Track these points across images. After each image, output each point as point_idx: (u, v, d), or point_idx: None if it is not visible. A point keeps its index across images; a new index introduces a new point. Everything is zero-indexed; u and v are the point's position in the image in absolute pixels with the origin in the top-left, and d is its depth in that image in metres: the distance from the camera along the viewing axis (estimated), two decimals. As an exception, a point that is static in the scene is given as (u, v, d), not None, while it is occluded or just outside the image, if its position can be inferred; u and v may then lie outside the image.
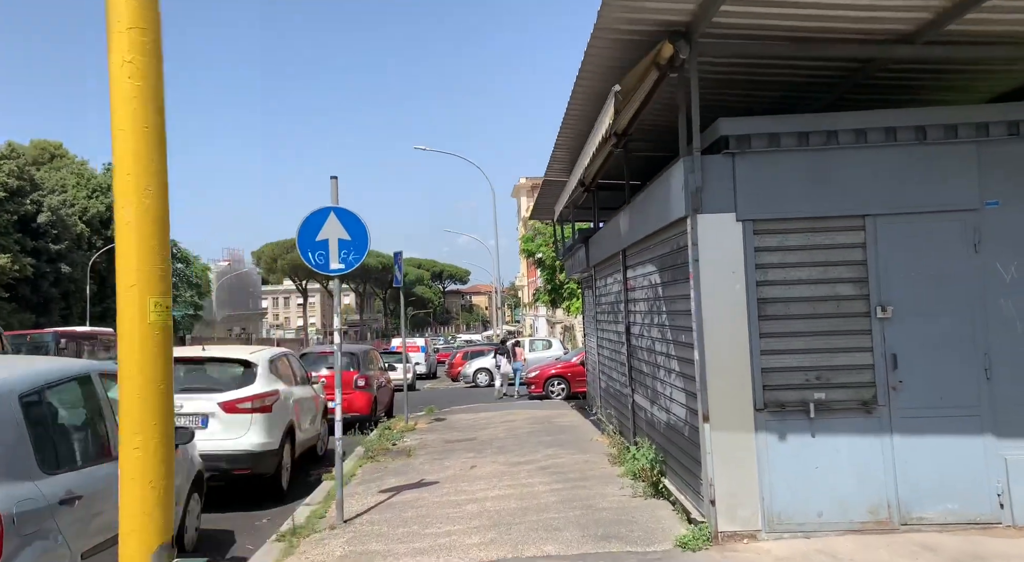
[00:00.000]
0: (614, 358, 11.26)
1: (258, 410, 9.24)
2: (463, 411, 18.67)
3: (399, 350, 36.36)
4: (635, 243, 8.92)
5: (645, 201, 8.11)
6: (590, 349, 17.11)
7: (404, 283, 15.70)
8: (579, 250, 14.23)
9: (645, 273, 8.61)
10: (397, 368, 28.42)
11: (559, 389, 21.48)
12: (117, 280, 3.01)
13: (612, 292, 11.21)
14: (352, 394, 15.77)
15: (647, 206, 7.98)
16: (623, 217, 9.60)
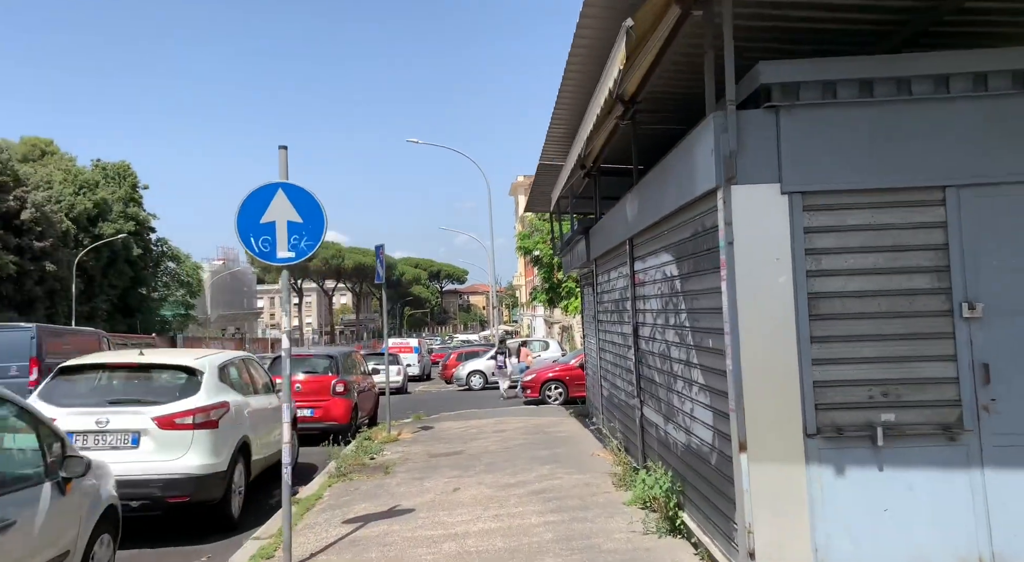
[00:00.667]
0: (619, 363, 9.82)
1: (201, 426, 7.79)
2: (453, 418, 17.24)
3: (392, 351, 35.06)
4: (646, 229, 7.48)
5: (660, 177, 6.68)
6: (590, 351, 15.68)
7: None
8: (578, 243, 12.80)
9: (658, 264, 7.18)
10: (387, 370, 27.11)
11: (556, 393, 20.05)
12: None
13: (616, 288, 9.78)
14: (330, 402, 14.34)
15: (663, 182, 6.54)
16: (630, 201, 8.18)
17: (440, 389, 29.50)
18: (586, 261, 12.17)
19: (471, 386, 26.66)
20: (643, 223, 7.49)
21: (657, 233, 7.13)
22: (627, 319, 8.95)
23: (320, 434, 14.47)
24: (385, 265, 14.07)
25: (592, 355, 15.05)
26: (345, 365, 15.25)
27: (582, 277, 16.54)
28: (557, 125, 9.82)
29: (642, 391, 8.24)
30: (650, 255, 7.53)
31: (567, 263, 15.78)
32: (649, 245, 7.56)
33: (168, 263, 60.84)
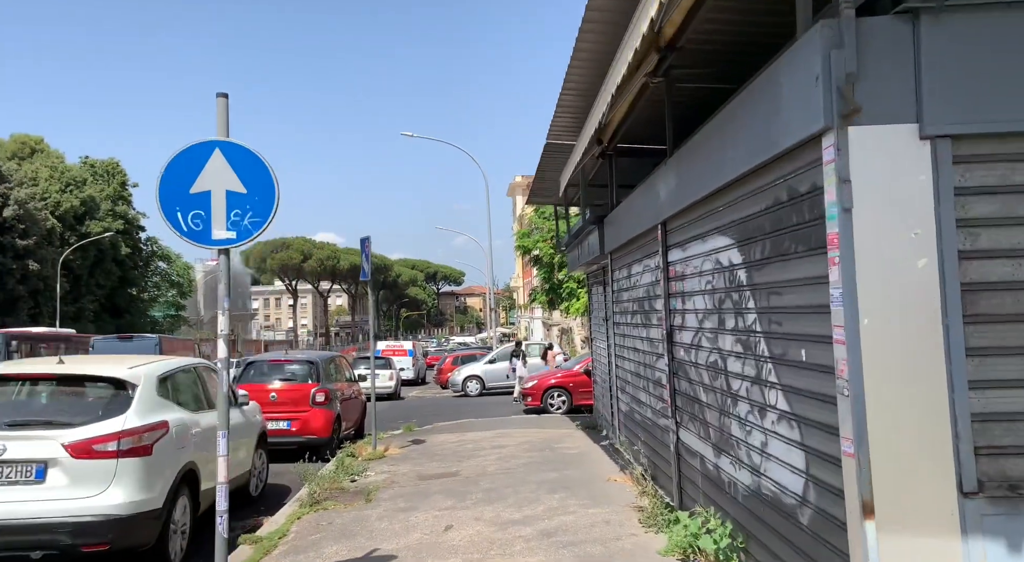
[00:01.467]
0: (644, 374, 8.20)
1: (129, 453, 6.16)
2: (448, 430, 15.60)
3: (385, 354, 33.41)
4: (688, 208, 5.87)
5: (716, 135, 5.06)
6: (599, 357, 14.06)
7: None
8: (588, 235, 11.19)
9: (708, 251, 5.56)
10: (379, 375, 25.44)
11: (559, 402, 18.43)
12: None
13: (640, 284, 8.16)
14: (309, 413, 12.70)
15: (721, 141, 4.92)
16: (663, 176, 6.59)
17: (435, 394, 27.86)
18: (599, 255, 10.56)
19: (467, 392, 25.02)
20: (684, 201, 5.89)
21: (707, 211, 5.51)
22: (656, 321, 7.34)
23: (298, 449, 12.86)
24: (371, 261, 12.45)
25: (602, 361, 13.44)
26: (327, 372, 13.61)
27: (590, 275, 14.94)
28: (571, 91, 8.22)
29: (679, 411, 6.62)
30: (693, 241, 5.92)
31: (573, 260, 14.17)
32: (692, 228, 5.94)
33: (158, 263, 59.15)
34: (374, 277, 12.63)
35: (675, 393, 6.69)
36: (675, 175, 6.14)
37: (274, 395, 12.71)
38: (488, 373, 25.16)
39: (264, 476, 10.08)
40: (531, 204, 15.57)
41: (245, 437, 9.15)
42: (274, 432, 12.49)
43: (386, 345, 35.86)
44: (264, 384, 12.93)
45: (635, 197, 8.03)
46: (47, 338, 31.27)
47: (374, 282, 58.44)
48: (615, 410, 10.31)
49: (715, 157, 4.99)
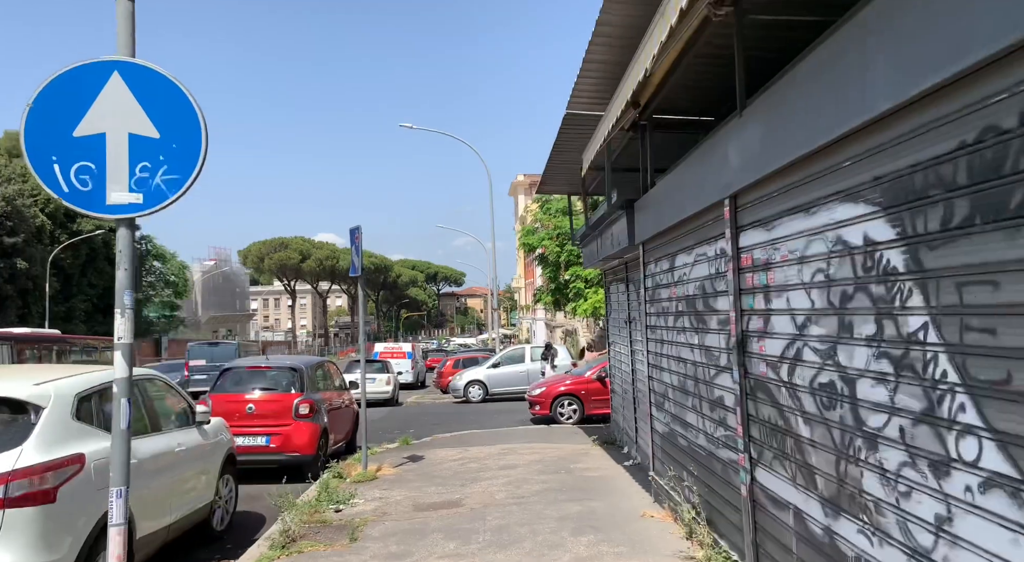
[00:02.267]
0: (695, 391, 6.55)
1: (21, 500, 4.55)
2: (449, 443, 13.97)
3: (382, 357, 31.76)
4: (785, 168, 4.23)
5: (854, 47, 3.42)
6: (619, 364, 12.45)
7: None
8: (613, 224, 9.57)
9: (821, 227, 3.91)
10: (376, 380, 23.86)
11: (569, 411, 16.79)
12: None
13: (692, 278, 6.52)
14: (291, 427, 11.06)
15: (865, 53, 3.28)
16: (734, 136, 4.97)
17: (435, 400, 26.22)
18: (626, 247, 8.92)
19: (469, 398, 23.36)
20: (774, 162, 4.26)
21: (820, 171, 3.87)
22: (716, 325, 5.72)
23: (279, 468, 11.24)
24: (367, 258, 10.82)
25: (623, 369, 11.82)
26: (312, 379, 11.97)
27: (607, 273, 13.31)
28: (602, 41, 6.60)
29: (755, 444, 4.98)
30: (788, 216, 4.29)
31: (589, 254, 12.54)
32: (787, 198, 4.31)
33: (153, 262, 57.48)
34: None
35: (749, 419, 5.06)
36: (758, 130, 4.52)
37: (251, 407, 11.08)
38: (492, 378, 23.51)
39: (232, 505, 8.45)
40: (542, 193, 13.95)
41: (205, 463, 7.52)
42: (250, 449, 10.87)
43: (384, 347, 34.23)
44: (241, 394, 11.29)
45: (684, 171, 6.40)
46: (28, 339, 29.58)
47: (373, 282, 58.47)
48: (650, 429, 8.66)
49: (844, 86, 3.36)
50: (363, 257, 10.93)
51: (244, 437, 10.91)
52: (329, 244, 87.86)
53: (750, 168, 4.67)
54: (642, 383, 9.78)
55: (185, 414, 7.36)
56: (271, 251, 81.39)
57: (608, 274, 13.17)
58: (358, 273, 10.76)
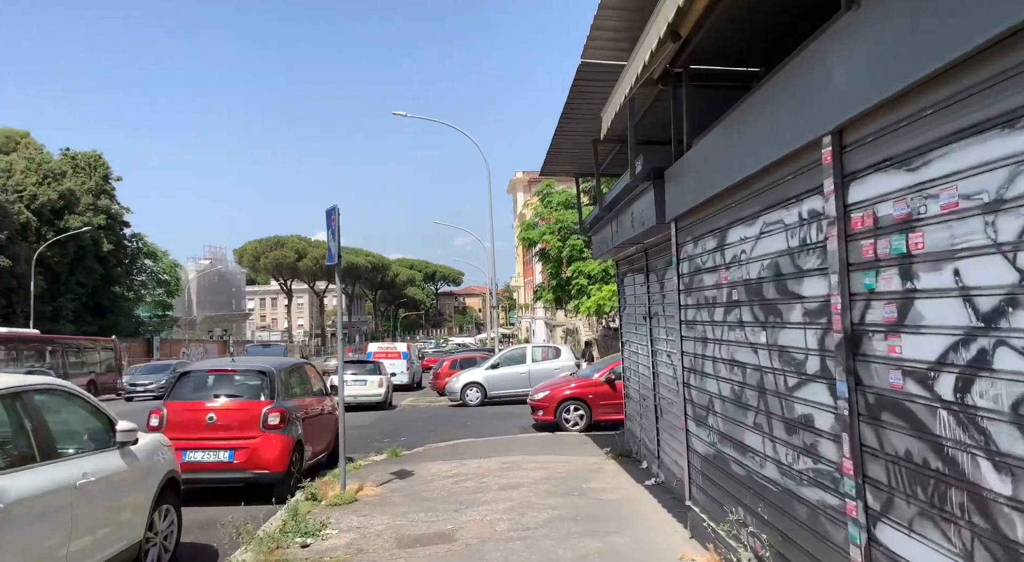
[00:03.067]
0: (761, 405, 4.92)
1: None
2: (443, 454, 12.38)
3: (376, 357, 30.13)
4: (956, 67, 2.64)
5: None
6: (635, 365, 10.88)
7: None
8: (636, 200, 8.00)
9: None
10: (367, 382, 22.29)
11: (576, 417, 15.21)
12: None
13: (754, 257, 4.92)
14: (259, 440, 9.48)
15: None
16: (845, 41, 3.40)
17: (430, 403, 24.63)
18: (653, 226, 7.33)
19: (467, 402, 21.73)
20: (937, 58, 2.68)
21: None
22: (796, 316, 4.14)
23: (245, 487, 9.67)
24: (343, 243, 9.24)
25: (641, 371, 10.25)
26: (286, 384, 10.36)
27: (621, 263, 11.73)
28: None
29: (875, 488, 3.38)
30: (961, 141, 2.71)
31: (601, 243, 10.96)
32: (960, 114, 2.72)
33: (144, 260, 55.82)
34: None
35: (864, 452, 3.47)
36: (893, 20, 2.94)
37: (212, 416, 9.49)
38: (491, 380, 21.89)
39: (174, 540, 6.85)
40: (547, 175, 12.37)
41: (132, 493, 5.94)
42: (210, 465, 9.30)
43: (378, 347, 32.64)
44: (201, 401, 9.70)
45: (743, 117, 4.82)
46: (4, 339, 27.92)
47: (370, 281, 56.32)
48: (686, 447, 7.06)
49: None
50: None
51: (203, 452, 9.33)
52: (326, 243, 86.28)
53: (875, 82, 3.10)
54: (670, 390, 8.20)
55: (102, 433, 5.77)
56: (267, 250, 79.77)
57: (622, 265, 11.59)
58: (335, 261, 9.18)
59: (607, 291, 24.83)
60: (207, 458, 9.30)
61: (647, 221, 7.50)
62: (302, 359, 15.98)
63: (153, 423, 9.50)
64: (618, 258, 11.66)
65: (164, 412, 9.55)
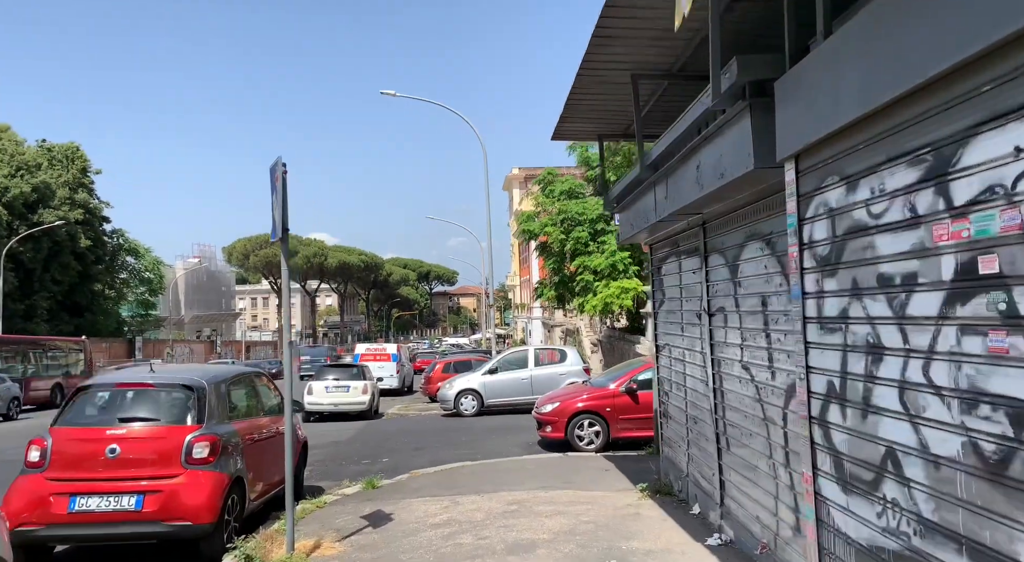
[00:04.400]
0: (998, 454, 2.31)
1: None
2: (432, 485, 9.78)
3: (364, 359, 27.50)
4: None
5: None
6: (678, 374, 8.31)
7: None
8: (712, 141, 5.41)
9: None
10: (350, 388, 19.67)
11: (591, 434, 12.63)
12: None
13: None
14: (180, 479, 6.87)
15: None
16: None
17: (420, 411, 22.00)
18: (748, 173, 4.75)
19: (461, 411, 19.08)
20: None
21: None
22: None
23: (157, 545, 7.06)
24: (286, 206, 6.62)
25: (691, 385, 7.69)
26: (222, 402, 7.71)
27: (660, 246, 9.15)
28: None
29: None
30: None
31: (637, 217, 8.37)
32: None
33: (126, 257, 52.97)
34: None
35: None
36: None
37: (115, 448, 6.86)
38: (488, 387, 19.23)
39: None
40: (562, 139, 9.78)
41: None
42: (110, 516, 6.70)
43: (366, 348, 30.01)
44: (100, 428, 7.06)
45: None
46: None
47: (363, 280, 52.57)
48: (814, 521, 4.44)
49: None
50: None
51: (101, 497, 6.72)
52: (317, 241, 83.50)
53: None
54: (750, 417, 5.64)
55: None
56: (257, 248, 76.96)
57: (659, 249, 9.01)
58: (279, 236, 6.57)
59: (615, 288, 22.26)
60: (105, 506, 6.67)
61: (733, 168, 4.93)
62: (251, 367, 13.28)
63: (32, 458, 6.88)
64: (654, 240, 9.08)
65: (48, 443, 6.92)
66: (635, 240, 9.43)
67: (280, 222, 6.55)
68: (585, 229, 23.63)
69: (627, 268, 22.71)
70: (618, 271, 22.68)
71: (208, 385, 7.51)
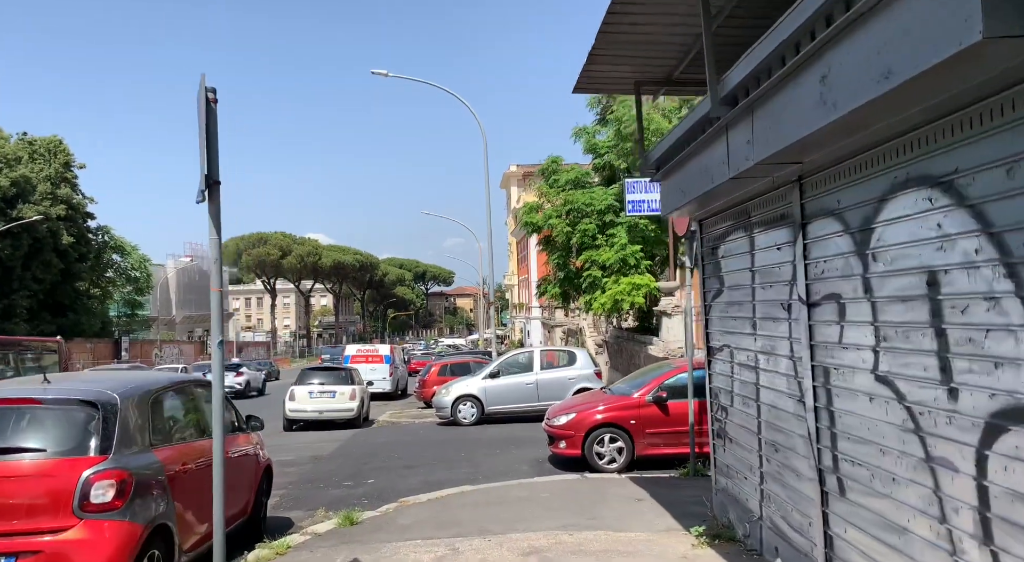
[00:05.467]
0: None
1: None
2: (424, 520, 7.78)
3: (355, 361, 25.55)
4: None
5: None
6: (742, 386, 6.31)
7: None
8: (859, 29, 3.40)
9: None
10: (336, 394, 17.67)
11: (612, 451, 10.65)
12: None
13: None
14: (73, 533, 4.85)
15: None
16: None
17: (415, 418, 19.97)
18: (983, 35, 2.72)
19: (459, 420, 17.03)
20: None
21: None
22: None
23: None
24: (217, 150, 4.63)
25: (767, 399, 5.69)
26: (140, 422, 5.69)
27: (717, 217, 7.17)
28: None
29: None
30: None
31: (695, 177, 6.37)
32: None
33: (112, 255, 50.81)
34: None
35: None
36: None
37: (-22, 494, 4.85)
38: (489, 392, 17.18)
39: None
40: (583, 91, 7.80)
41: None
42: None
43: (356, 349, 27.98)
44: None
45: None
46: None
47: (358, 280, 49.89)
48: None
49: None
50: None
51: (-45, 562, 4.70)
52: (312, 240, 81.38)
53: None
54: (920, 463, 3.62)
55: None
56: (249, 247, 74.87)
57: (717, 224, 7.01)
58: (203, 199, 4.56)
59: (625, 284, 20.24)
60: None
61: (921, 52, 2.92)
62: (188, 375, 11.22)
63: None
64: (706, 213, 7.10)
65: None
66: (683, 211, 7.42)
67: (207, 172, 4.54)
68: (593, 221, 21.62)
69: (639, 263, 20.71)
70: (629, 266, 20.68)
71: (121, 400, 5.49)
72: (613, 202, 21.42)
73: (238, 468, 7.27)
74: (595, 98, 23.36)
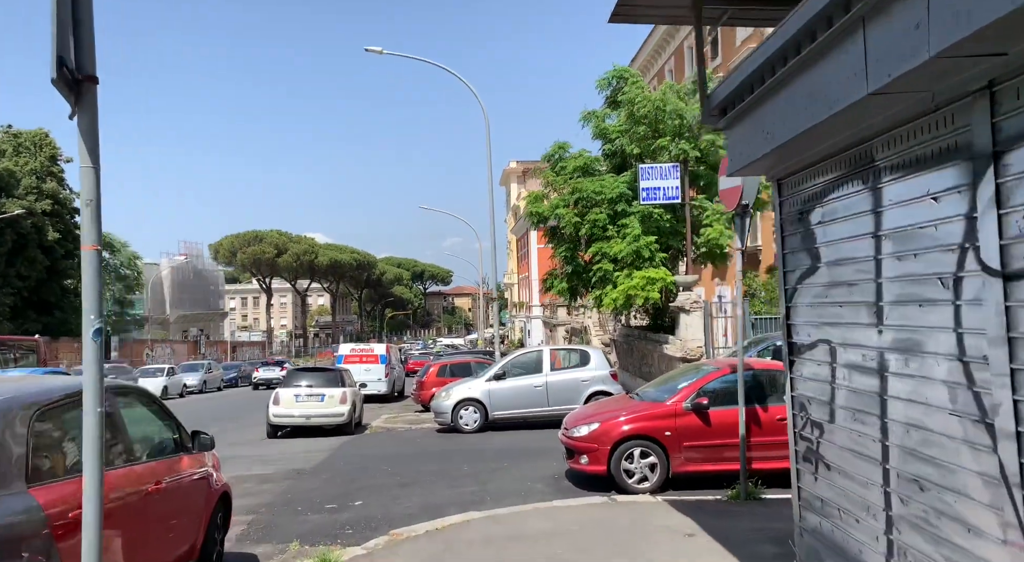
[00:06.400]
0: None
1: None
2: (423, 559, 6.06)
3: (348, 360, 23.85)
4: None
5: None
6: (852, 395, 4.49)
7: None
8: None
9: None
10: (325, 397, 15.94)
11: (643, 467, 8.93)
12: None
13: None
14: None
15: None
16: None
17: (412, 424, 18.20)
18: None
19: (460, 427, 15.29)
20: None
21: None
22: None
23: None
24: (91, 27, 2.90)
25: (920, 412, 3.83)
26: (12, 450, 3.96)
27: (804, 173, 5.42)
28: None
29: None
30: None
31: (781, 117, 4.66)
32: None
33: (101, 252, 48.94)
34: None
35: None
36: None
37: None
38: (494, 396, 15.42)
39: None
40: (621, 20, 6.11)
41: None
42: None
43: (350, 348, 26.21)
44: None
45: None
46: None
47: (356, 279, 47.31)
48: None
49: None
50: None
51: None
52: (308, 238, 79.57)
53: None
54: None
55: None
56: (244, 245, 73.09)
57: (814, 178, 5.25)
58: (57, 72, 2.85)
59: (639, 278, 18.51)
60: None
61: None
62: (125, 381, 9.47)
63: None
64: (800, 163, 5.35)
65: None
66: (757, 169, 5.67)
67: (73, 60, 2.81)
68: (603, 210, 19.89)
69: (653, 255, 18.98)
70: (643, 259, 18.95)
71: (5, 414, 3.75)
72: (625, 190, 19.71)
73: (182, 498, 5.54)
74: (605, 79, 21.59)
